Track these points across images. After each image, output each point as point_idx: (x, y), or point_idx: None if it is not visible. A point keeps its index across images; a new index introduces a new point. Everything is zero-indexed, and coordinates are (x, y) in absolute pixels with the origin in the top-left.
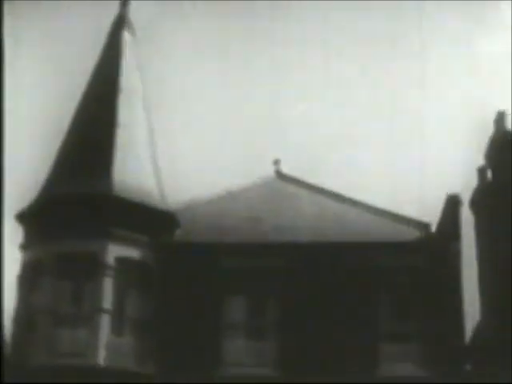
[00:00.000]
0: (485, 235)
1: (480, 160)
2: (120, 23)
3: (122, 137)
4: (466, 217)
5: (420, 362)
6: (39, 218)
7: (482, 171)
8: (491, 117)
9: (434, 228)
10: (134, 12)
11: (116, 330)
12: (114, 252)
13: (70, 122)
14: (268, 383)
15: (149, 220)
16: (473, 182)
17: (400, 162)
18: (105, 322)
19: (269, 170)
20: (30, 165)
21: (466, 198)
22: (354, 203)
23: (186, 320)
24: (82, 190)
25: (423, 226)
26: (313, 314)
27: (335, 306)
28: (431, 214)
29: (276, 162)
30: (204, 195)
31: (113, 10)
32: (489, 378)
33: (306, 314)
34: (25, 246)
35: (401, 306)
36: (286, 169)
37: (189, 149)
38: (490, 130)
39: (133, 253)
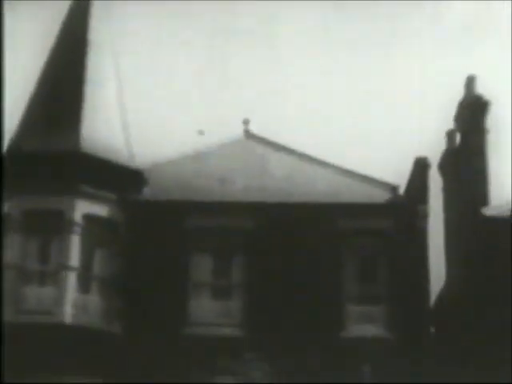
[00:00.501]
0: (452, 198)
1: (449, 124)
2: None
3: (90, 93)
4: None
5: (385, 324)
6: (7, 174)
7: (450, 135)
8: (461, 82)
9: (402, 191)
10: None
11: (83, 287)
12: (82, 209)
13: (38, 78)
14: (234, 342)
15: (117, 178)
16: (442, 145)
17: (371, 125)
18: (72, 279)
19: (238, 130)
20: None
21: (435, 161)
22: (323, 164)
23: (152, 279)
24: (49, 146)
25: (391, 189)
26: (279, 275)
27: (302, 266)
28: (400, 176)
29: (245, 122)
30: (173, 154)
31: None
32: (451, 341)
33: (272, 274)
34: None
35: (367, 268)
36: (255, 129)
37: (158, 106)
38: (459, 94)
39: (100, 210)
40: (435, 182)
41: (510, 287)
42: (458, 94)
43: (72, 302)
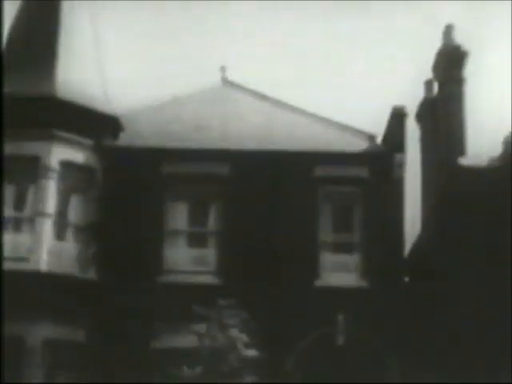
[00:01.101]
0: (429, 148)
1: (428, 73)
2: None
3: (65, 38)
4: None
5: (360, 273)
6: None
7: (428, 84)
8: (440, 30)
9: (379, 140)
10: None
11: (59, 234)
12: (58, 155)
13: (12, 23)
14: (209, 290)
15: (93, 123)
16: (420, 95)
17: (350, 75)
18: (48, 226)
19: (215, 78)
20: None
21: (413, 111)
22: (300, 112)
23: (128, 226)
24: (24, 91)
25: (369, 137)
26: (255, 222)
27: (278, 214)
28: (378, 126)
29: (222, 69)
30: (149, 100)
31: None
32: (424, 290)
33: (248, 221)
34: None
35: (343, 217)
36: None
37: (136, 54)
38: (438, 43)
39: (76, 156)
40: (413, 132)
41: (486, 237)
42: (437, 43)
43: (48, 249)
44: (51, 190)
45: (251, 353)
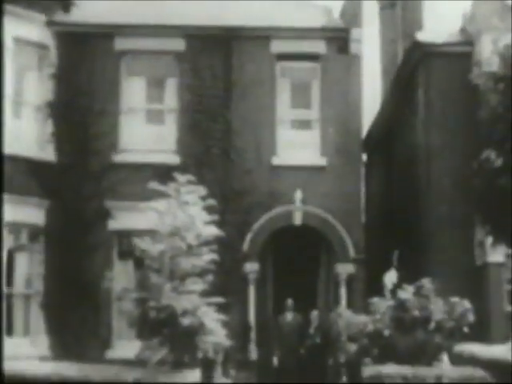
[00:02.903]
0: (388, 24)
1: None
2: None
3: None
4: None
5: (317, 150)
6: None
7: None
8: None
9: (337, 14)
10: None
11: (15, 114)
12: (11, 31)
13: None
14: (168, 168)
15: None
16: None
17: None
18: (4, 106)
19: None
20: None
21: None
22: None
23: (84, 104)
24: None
25: (326, 12)
26: (212, 99)
27: (235, 90)
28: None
29: None
30: None
31: None
32: (381, 167)
33: (205, 98)
34: None
35: (301, 93)
36: None
37: None
38: None
39: (30, 33)
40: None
41: (445, 112)
42: None
43: (6, 129)
44: (7, 69)
45: (210, 230)
